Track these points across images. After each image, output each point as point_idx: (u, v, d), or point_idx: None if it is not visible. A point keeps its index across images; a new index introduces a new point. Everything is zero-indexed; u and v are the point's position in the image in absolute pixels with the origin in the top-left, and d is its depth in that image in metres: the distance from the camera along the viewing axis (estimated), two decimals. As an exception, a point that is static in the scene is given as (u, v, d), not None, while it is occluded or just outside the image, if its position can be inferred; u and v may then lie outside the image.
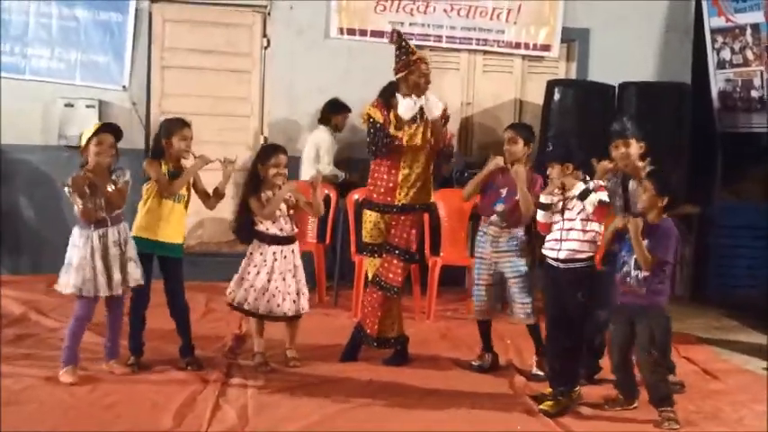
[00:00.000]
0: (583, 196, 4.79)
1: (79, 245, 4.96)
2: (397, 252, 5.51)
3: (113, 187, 4.96)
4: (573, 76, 8.51)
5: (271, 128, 8.24)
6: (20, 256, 7.99)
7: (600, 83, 8.08)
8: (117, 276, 4.98)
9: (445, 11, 8.35)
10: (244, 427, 4.37)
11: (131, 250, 5.07)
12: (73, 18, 8.06)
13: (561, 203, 4.91)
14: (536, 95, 8.34)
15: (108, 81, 8.04)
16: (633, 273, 4.63)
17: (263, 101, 8.30)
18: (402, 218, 5.50)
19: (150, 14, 8.08)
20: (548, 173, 4.93)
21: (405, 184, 5.47)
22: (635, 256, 4.61)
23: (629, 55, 8.37)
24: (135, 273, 5.06)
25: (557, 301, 4.94)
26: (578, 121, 7.65)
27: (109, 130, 5.05)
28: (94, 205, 4.91)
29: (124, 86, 8.00)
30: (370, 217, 5.60)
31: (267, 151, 5.56)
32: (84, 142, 4.99)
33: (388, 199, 5.51)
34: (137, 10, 8.05)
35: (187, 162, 5.38)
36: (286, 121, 8.24)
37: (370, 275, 5.67)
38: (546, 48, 8.47)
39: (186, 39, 8.15)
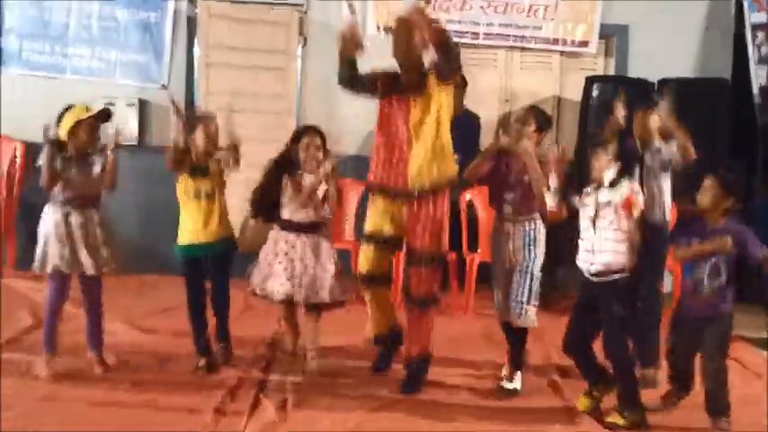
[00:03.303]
0: (613, 183, 4.49)
1: (45, 220, 4.94)
2: (422, 260, 4.88)
3: (86, 171, 4.90)
4: (612, 72, 8.43)
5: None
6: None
7: (639, 79, 8.01)
8: (84, 257, 4.89)
9: (482, 8, 8.31)
10: (283, 422, 4.41)
11: (99, 237, 4.96)
12: (112, 18, 8.13)
13: (593, 209, 4.56)
14: (575, 92, 8.28)
15: (148, 80, 8.11)
16: (707, 282, 4.35)
17: (300, 99, 8.32)
18: (421, 207, 4.86)
19: (195, 13, 8.13)
20: (590, 159, 4.62)
21: (417, 160, 4.82)
22: (709, 266, 4.32)
23: (668, 51, 8.28)
24: (103, 258, 4.96)
25: (588, 316, 4.64)
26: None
27: (102, 115, 4.98)
28: (59, 180, 4.83)
29: (164, 85, 8.07)
30: (374, 203, 5.01)
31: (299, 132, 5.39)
32: (70, 123, 4.88)
33: (400, 181, 4.86)
34: (175, 9, 8.11)
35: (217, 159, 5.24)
36: (323, 118, 8.24)
37: (362, 270, 5.02)
38: (584, 44, 8.40)
39: (226, 36, 8.19)
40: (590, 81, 7.96)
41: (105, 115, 5.00)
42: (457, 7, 8.30)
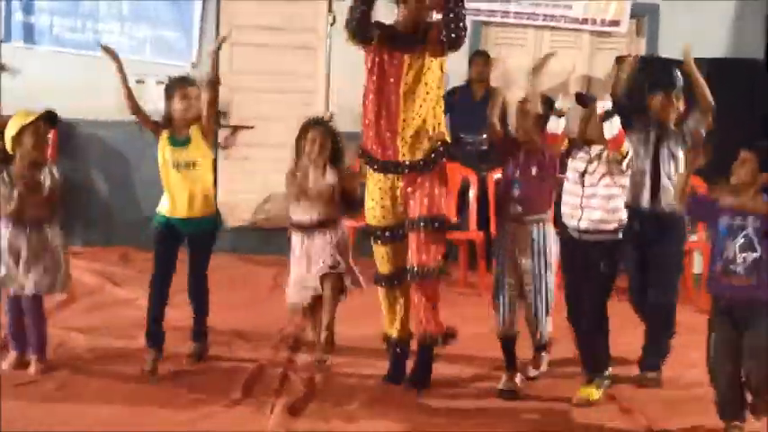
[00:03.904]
0: (608, 115, 4.26)
1: None
2: (422, 225, 4.38)
3: (39, 185, 4.52)
4: (642, 52, 8.36)
5: (336, 105, 8.28)
6: (93, 228, 8.17)
7: (670, 59, 7.93)
8: (25, 276, 4.54)
9: (512, -14, 8.29)
10: (311, 399, 4.44)
11: (50, 257, 4.59)
12: (143, -6, 8.18)
13: (584, 164, 4.39)
14: (604, 72, 8.22)
15: (177, 58, 8.14)
16: (740, 257, 3.89)
17: (328, 78, 8.33)
18: (416, 178, 4.42)
19: (218, -9, 8.17)
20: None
21: (408, 130, 4.39)
22: (740, 239, 3.89)
23: (700, 31, 8.18)
24: (41, 280, 4.58)
25: (577, 277, 4.49)
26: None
27: (47, 118, 4.58)
28: (9, 199, 4.48)
29: (193, 63, 8.11)
30: (373, 181, 4.53)
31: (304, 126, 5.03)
32: (13, 130, 4.50)
33: (390, 152, 4.43)
34: (205, -14, 8.14)
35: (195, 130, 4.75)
36: (352, 98, 8.23)
37: (382, 269, 4.59)
38: (615, 23, 8.34)
39: (254, 15, 8.20)
40: (620, 61, 7.89)
41: (51, 118, 4.61)
42: (487, -14, 8.25)
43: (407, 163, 4.39)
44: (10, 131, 4.52)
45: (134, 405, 4.28)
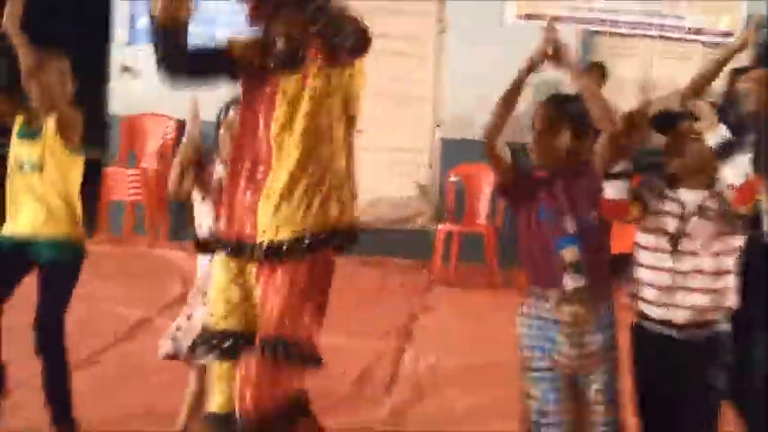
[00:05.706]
0: (724, 153, 2.72)
1: None
2: (262, 348, 2.72)
3: None
4: (755, 64, 8.26)
5: (445, 114, 8.40)
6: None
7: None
8: None
9: (623, -4, 8.27)
10: (418, 401, 4.52)
11: None
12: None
13: (675, 221, 2.81)
14: (717, 83, 8.10)
15: (288, 63, 8.39)
16: None
17: (437, 87, 8.45)
18: (275, 271, 2.77)
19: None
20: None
21: (274, 194, 2.78)
22: None
23: (817, 43, 8.04)
24: None
25: (662, 389, 2.86)
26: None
27: None
28: None
29: (302, 67, 8.33)
30: (219, 264, 2.93)
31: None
32: None
33: (247, 226, 2.82)
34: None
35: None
36: (461, 106, 8.36)
37: (213, 403, 2.92)
38: (728, 34, 8.23)
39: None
40: (734, 72, 7.79)
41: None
42: (597, -5, 8.26)
43: (266, 244, 2.75)
44: None
45: None
